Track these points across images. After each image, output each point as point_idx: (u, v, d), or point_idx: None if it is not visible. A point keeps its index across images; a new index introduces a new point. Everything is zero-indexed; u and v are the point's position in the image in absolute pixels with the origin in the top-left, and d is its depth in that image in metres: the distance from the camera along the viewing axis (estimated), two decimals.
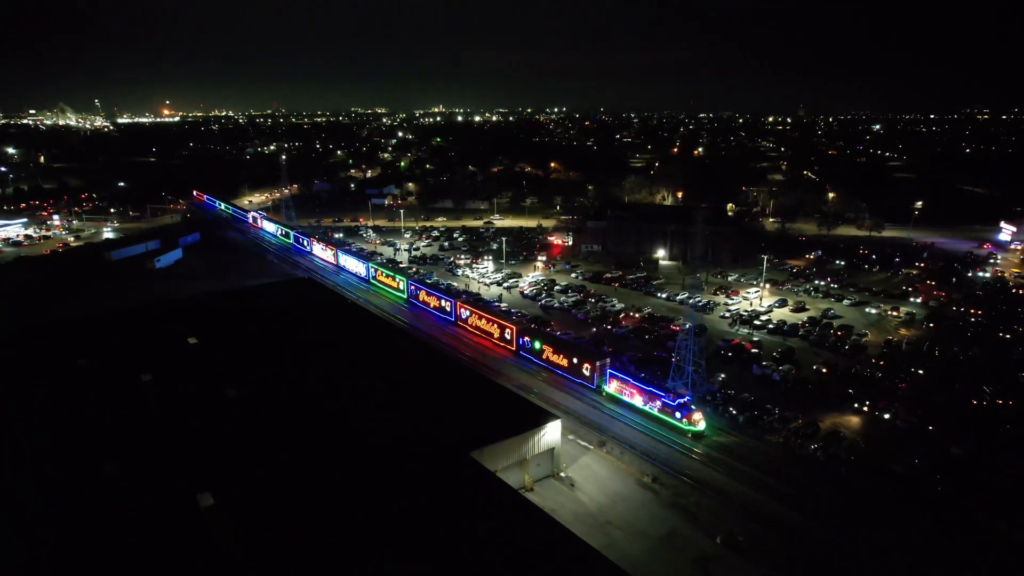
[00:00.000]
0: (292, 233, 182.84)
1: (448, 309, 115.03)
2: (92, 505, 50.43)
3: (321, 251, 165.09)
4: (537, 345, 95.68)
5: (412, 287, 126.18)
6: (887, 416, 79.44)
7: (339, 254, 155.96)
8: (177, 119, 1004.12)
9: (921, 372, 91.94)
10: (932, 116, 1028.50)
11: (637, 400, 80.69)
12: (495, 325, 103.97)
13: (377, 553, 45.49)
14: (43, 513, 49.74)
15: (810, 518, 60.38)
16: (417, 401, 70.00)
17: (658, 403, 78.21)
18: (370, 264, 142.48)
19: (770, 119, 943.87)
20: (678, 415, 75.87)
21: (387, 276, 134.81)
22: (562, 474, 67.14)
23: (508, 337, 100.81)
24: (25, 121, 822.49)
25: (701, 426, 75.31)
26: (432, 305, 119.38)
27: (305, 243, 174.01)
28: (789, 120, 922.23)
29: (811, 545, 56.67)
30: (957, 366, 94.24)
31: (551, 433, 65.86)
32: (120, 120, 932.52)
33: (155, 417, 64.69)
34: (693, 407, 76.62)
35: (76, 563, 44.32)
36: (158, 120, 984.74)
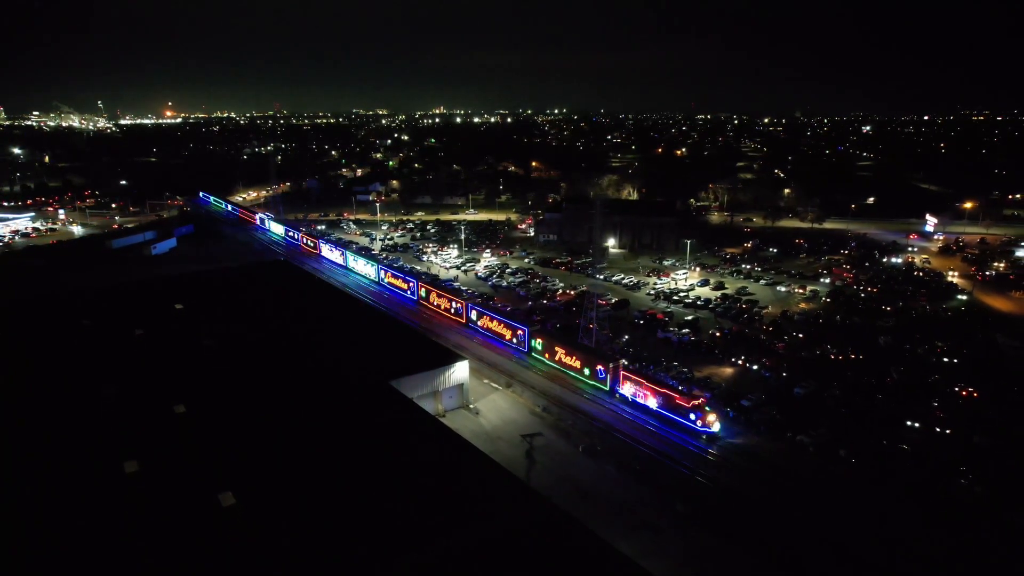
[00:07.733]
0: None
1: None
2: (92, 414, 66.42)
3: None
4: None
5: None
6: (755, 367, 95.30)
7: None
8: (179, 120, 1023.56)
9: (800, 336, 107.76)
10: (926, 117, 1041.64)
11: (651, 402, 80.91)
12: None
13: (305, 447, 61.49)
14: (53, 418, 65.76)
15: (663, 435, 76.31)
16: (356, 348, 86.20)
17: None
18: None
19: (765, 120, 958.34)
20: (692, 416, 76.76)
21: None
22: (471, 406, 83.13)
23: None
24: (29, 122, 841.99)
25: (716, 427, 76.27)
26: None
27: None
28: (784, 122, 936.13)
29: (653, 451, 72.53)
30: (832, 331, 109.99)
31: (460, 371, 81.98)
32: (123, 121, 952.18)
33: (145, 357, 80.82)
34: (708, 408, 77.64)
35: (77, 448, 60.28)
36: (160, 121, 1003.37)
